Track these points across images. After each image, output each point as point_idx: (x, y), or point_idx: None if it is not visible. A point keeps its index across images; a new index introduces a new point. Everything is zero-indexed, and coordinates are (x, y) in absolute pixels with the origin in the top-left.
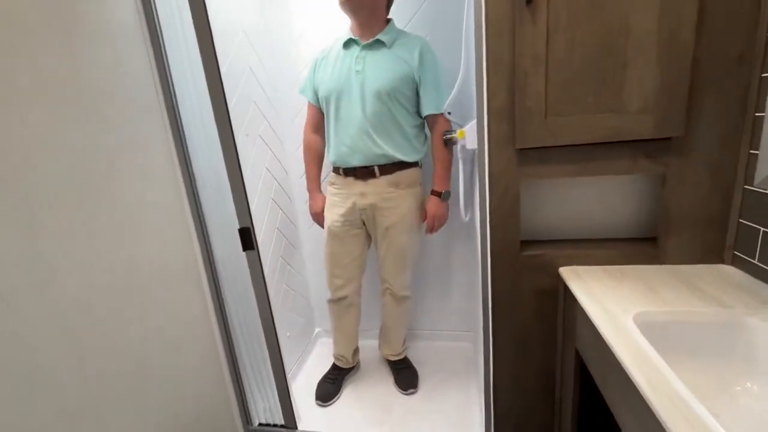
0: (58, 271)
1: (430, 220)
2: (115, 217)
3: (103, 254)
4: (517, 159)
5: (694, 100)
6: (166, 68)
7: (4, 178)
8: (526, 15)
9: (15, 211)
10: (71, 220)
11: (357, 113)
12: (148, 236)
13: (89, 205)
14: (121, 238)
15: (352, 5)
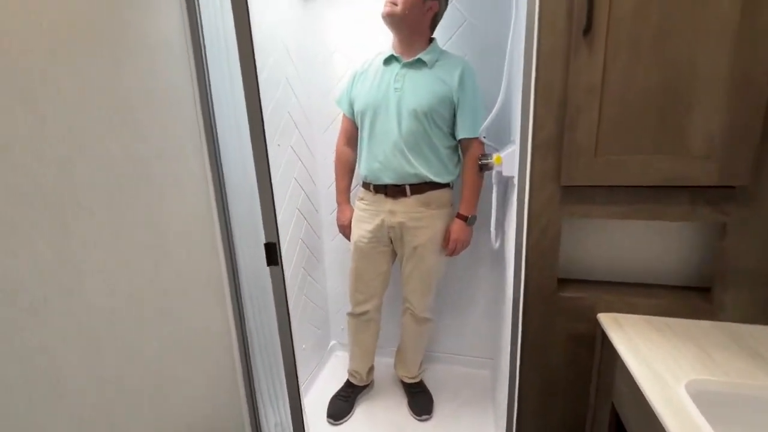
0: (86, 280)
1: (453, 243)
2: (144, 225)
3: (129, 263)
4: (561, 196)
5: (764, 148)
6: (206, 78)
7: (44, 186)
8: (583, 45)
9: (51, 220)
10: (102, 228)
11: (393, 130)
12: (174, 246)
13: (121, 214)
14: (149, 247)
15: (392, 20)
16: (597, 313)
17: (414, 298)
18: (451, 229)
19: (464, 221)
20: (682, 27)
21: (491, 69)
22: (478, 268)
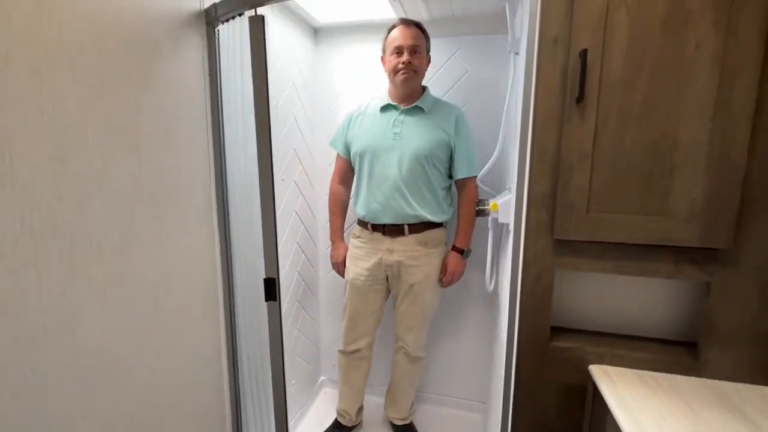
0: (87, 315)
1: (449, 275)
2: (149, 262)
3: (130, 299)
4: (554, 248)
5: (744, 215)
6: (220, 119)
7: (59, 224)
8: (575, 112)
9: (61, 257)
10: (109, 265)
11: (392, 173)
12: (175, 281)
13: (128, 251)
14: (151, 284)
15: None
16: (589, 364)
17: (409, 336)
18: (447, 262)
19: (460, 254)
20: (665, 101)
21: (489, 116)
22: (472, 310)
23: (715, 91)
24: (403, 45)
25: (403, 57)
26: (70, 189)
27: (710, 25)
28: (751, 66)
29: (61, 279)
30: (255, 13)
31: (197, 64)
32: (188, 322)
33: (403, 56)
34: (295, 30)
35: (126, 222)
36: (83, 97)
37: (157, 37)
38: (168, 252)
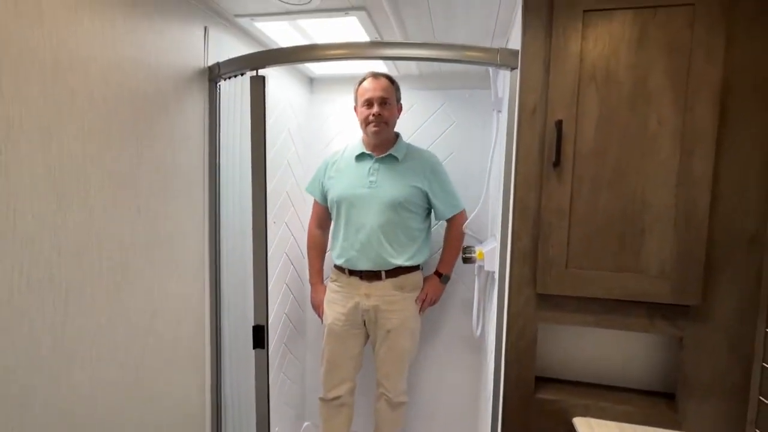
0: (74, 367)
1: (424, 294)
2: (140, 311)
3: (120, 348)
4: (537, 302)
5: (711, 273)
6: (217, 167)
7: (56, 275)
8: (553, 175)
9: (55, 308)
10: (101, 314)
11: (370, 220)
12: (165, 328)
13: (120, 299)
14: (141, 332)
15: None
16: (573, 416)
17: (389, 382)
18: (426, 285)
19: (439, 278)
20: (633, 169)
21: (474, 164)
22: (460, 353)
23: (678, 161)
24: (373, 97)
25: (374, 109)
26: (68, 241)
27: (670, 104)
28: (708, 140)
29: (53, 330)
30: (256, 73)
31: (198, 116)
32: (175, 370)
33: (373, 108)
34: (292, 81)
35: (120, 270)
36: (88, 153)
37: (162, 92)
38: (159, 299)
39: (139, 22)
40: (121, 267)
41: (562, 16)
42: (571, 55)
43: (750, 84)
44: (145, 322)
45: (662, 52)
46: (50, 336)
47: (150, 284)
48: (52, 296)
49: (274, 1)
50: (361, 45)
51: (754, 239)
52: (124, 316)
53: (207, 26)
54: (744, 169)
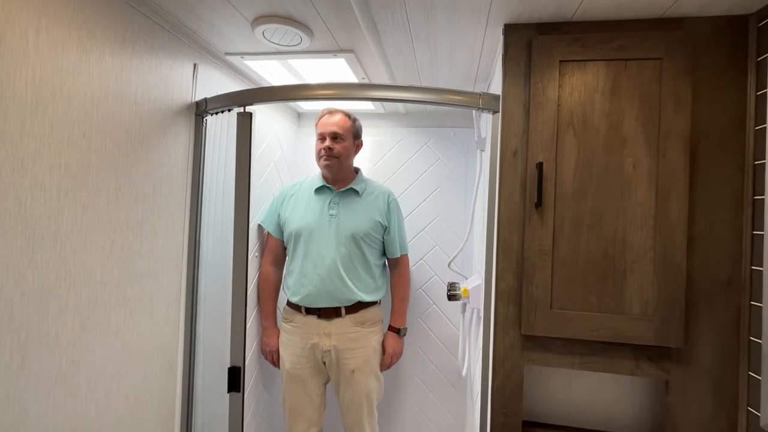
0: (30, 416)
1: (388, 358)
2: (105, 351)
3: (80, 394)
4: (522, 343)
5: (692, 315)
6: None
7: (17, 316)
8: (535, 215)
9: (12, 351)
10: (62, 357)
11: (329, 254)
12: (131, 370)
13: (84, 340)
14: (104, 374)
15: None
16: None
17: (358, 426)
18: (385, 344)
19: (397, 333)
20: (612, 210)
21: (458, 200)
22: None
23: (654, 203)
24: (325, 132)
25: (325, 143)
26: (34, 281)
27: (643, 149)
28: (681, 183)
29: (6, 378)
30: (244, 109)
31: (183, 150)
32: (141, 415)
33: (325, 142)
34: (280, 114)
35: (88, 309)
36: (64, 186)
37: (146, 126)
38: (129, 339)
39: (127, 58)
40: (89, 305)
41: (539, 66)
42: (549, 101)
43: (717, 131)
44: (111, 364)
45: (634, 101)
46: (4, 384)
47: (120, 323)
48: (9, 340)
49: (264, 42)
50: (348, 86)
51: (731, 282)
52: (88, 359)
53: (197, 63)
54: (716, 211)
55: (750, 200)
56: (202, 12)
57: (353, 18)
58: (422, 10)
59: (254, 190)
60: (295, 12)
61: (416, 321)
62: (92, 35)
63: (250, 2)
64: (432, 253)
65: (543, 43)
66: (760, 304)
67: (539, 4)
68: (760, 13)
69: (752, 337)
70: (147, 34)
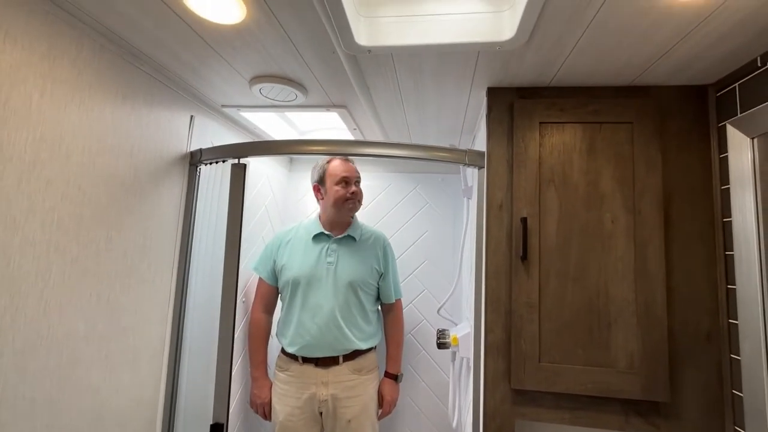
0: None
1: (388, 406)
2: (80, 413)
3: None
4: (513, 398)
5: (676, 370)
6: (188, 251)
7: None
8: (521, 268)
9: None
10: (37, 420)
11: (328, 303)
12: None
13: (63, 400)
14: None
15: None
16: None
17: None
18: (383, 391)
19: (394, 380)
20: (595, 264)
21: (446, 245)
22: None
23: (633, 257)
24: (350, 177)
25: (351, 188)
26: (14, 343)
27: (620, 205)
28: (657, 238)
29: None
30: (238, 161)
31: (175, 199)
32: None
33: (350, 187)
34: (272, 160)
35: (68, 367)
36: (53, 241)
37: (140, 177)
38: (107, 398)
39: (126, 114)
40: (69, 363)
41: (521, 126)
42: (531, 159)
43: (687, 190)
44: (87, 424)
45: (610, 161)
46: None
47: (99, 381)
48: None
49: (260, 97)
50: (341, 143)
51: (710, 335)
52: (63, 422)
53: (193, 114)
54: (692, 265)
55: (722, 255)
56: (203, 72)
57: (346, 80)
58: (412, 76)
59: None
60: (292, 73)
61: (406, 368)
62: (94, 95)
63: (249, 64)
64: (421, 297)
65: (524, 106)
66: (739, 357)
67: (519, 72)
68: (718, 83)
69: (734, 390)
70: (146, 90)
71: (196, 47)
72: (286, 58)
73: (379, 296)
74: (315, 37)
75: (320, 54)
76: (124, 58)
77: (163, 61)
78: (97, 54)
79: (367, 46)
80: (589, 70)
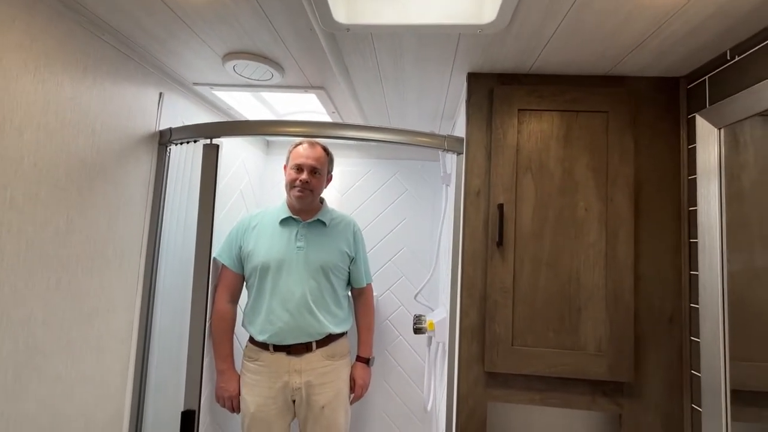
0: None
1: (360, 389)
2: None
3: None
4: (486, 380)
5: (640, 351)
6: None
7: None
8: (497, 253)
9: None
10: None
11: (298, 288)
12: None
13: (20, 388)
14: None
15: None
16: None
17: None
18: (355, 375)
19: (366, 363)
20: (568, 250)
21: (425, 231)
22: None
23: (604, 243)
24: (304, 164)
25: (303, 175)
26: None
27: (593, 193)
28: (627, 226)
29: None
30: (210, 141)
31: (143, 181)
32: None
33: (302, 174)
34: (248, 143)
35: (25, 355)
36: (5, 221)
37: (103, 157)
38: (71, 385)
39: (87, 87)
40: (26, 351)
41: (500, 112)
42: (509, 146)
43: (656, 179)
44: (49, 414)
45: (585, 149)
46: None
47: (60, 369)
48: None
49: (234, 75)
50: (320, 125)
51: (672, 318)
52: (21, 413)
53: (162, 92)
54: (658, 252)
55: (687, 242)
56: (172, 45)
57: (324, 59)
58: (391, 57)
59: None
60: (267, 50)
61: (383, 353)
62: (51, 65)
63: (221, 38)
64: (399, 284)
65: (503, 92)
66: (699, 339)
67: (500, 58)
68: (689, 76)
69: (693, 370)
70: (110, 62)
71: (162, 17)
72: (261, 34)
73: (349, 281)
74: (291, 12)
75: (297, 30)
76: (84, 27)
77: (128, 32)
78: (54, 20)
79: (346, 24)
80: (567, 59)
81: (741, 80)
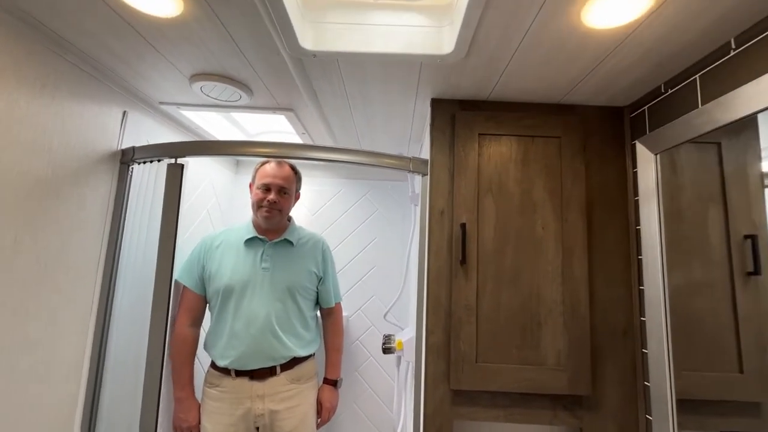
0: None
1: (327, 413)
2: None
3: None
4: (452, 398)
5: (597, 365)
6: (116, 256)
7: None
8: (461, 271)
9: None
10: None
11: (262, 310)
12: None
13: None
14: None
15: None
16: None
17: None
18: (322, 398)
19: (334, 385)
20: (528, 267)
21: (394, 250)
22: None
23: (561, 261)
24: (272, 184)
25: (270, 195)
26: None
27: (550, 212)
28: (581, 244)
29: None
30: (175, 161)
31: (101, 201)
32: None
33: (270, 194)
34: (217, 162)
35: None
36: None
37: (60, 176)
38: (12, 416)
39: (45, 104)
40: None
41: (461, 136)
42: (470, 168)
43: (606, 200)
44: None
45: (541, 172)
46: None
47: (1, 399)
48: None
49: (202, 96)
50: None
51: (626, 332)
52: None
53: (126, 110)
54: (610, 269)
55: (636, 259)
56: (136, 65)
57: (292, 82)
58: (358, 83)
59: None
60: (235, 73)
61: (352, 375)
62: (5, 81)
63: (188, 60)
64: (369, 303)
65: (464, 117)
66: (647, 351)
67: (460, 86)
68: (632, 106)
69: (645, 382)
70: (71, 80)
71: (128, 38)
72: (229, 57)
73: (318, 301)
74: (258, 37)
75: (264, 55)
76: (44, 45)
77: (91, 51)
78: (11, 37)
79: (312, 50)
80: (522, 88)
81: (674, 111)
